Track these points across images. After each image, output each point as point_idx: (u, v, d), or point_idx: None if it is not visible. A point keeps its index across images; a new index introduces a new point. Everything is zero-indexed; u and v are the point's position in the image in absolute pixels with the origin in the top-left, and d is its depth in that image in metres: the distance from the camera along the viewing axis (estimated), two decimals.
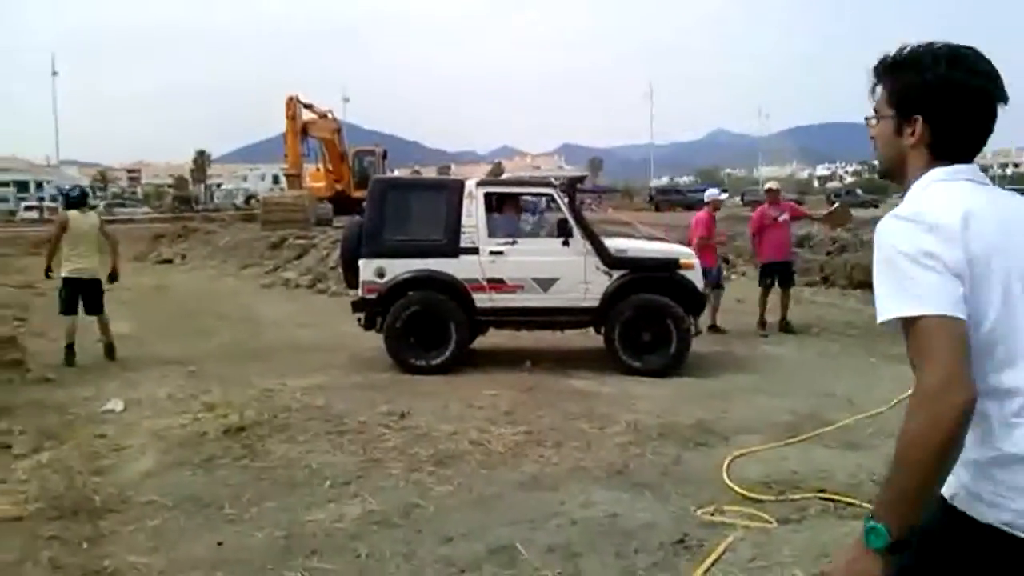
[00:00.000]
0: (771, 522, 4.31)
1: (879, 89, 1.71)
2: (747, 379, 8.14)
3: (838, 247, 23.41)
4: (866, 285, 17.02)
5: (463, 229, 8.58)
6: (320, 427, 6.09)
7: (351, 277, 8.98)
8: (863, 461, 5.34)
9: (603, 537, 4.04)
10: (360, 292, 8.71)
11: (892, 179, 1.75)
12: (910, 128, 1.64)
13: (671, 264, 8.75)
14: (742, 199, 52.33)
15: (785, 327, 10.89)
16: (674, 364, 8.38)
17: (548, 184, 9.41)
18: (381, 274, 8.55)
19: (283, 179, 30.62)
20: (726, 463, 5.21)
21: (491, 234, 8.62)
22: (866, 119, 1.76)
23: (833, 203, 25.15)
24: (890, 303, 1.50)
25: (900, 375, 8.02)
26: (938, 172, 1.62)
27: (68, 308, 8.76)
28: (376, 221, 8.75)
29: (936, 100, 1.60)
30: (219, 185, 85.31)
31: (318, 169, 29.41)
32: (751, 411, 6.70)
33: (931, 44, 1.64)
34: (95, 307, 8.91)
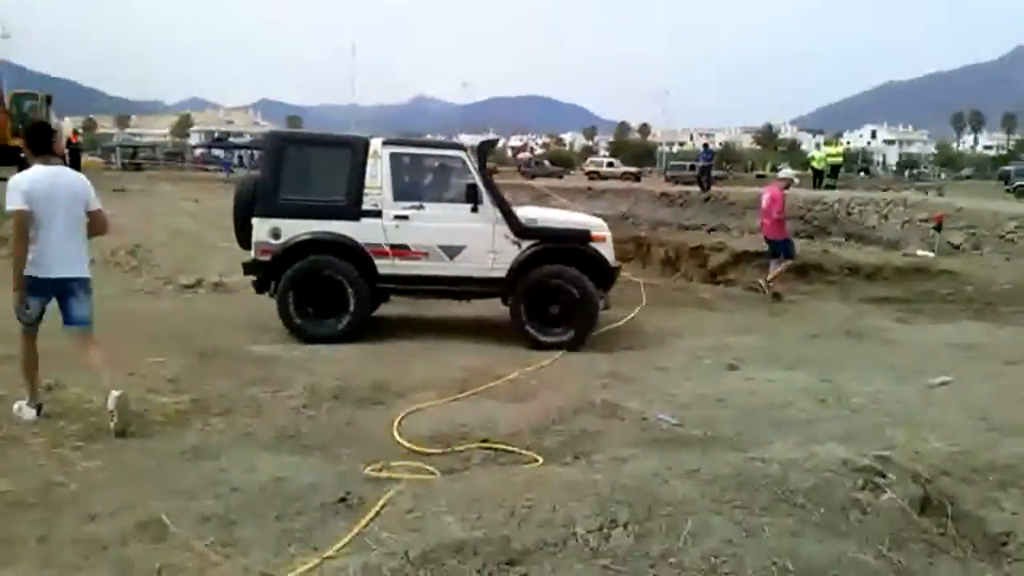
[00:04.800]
0: (435, 474, 4.48)
1: None
2: (426, 340, 8.33)
3: None
4: None
5: (366, 191, 8.05)
6: None
7: (244, 237, 8.20)
8: (525, 411, 5.74)
9: (264, 503, 3.92)
10: (253, 253, 8.03)
11: None
12: None
13: (583, 236, 8.45)
14: None
15: None
16: (580, 337, 8.20)
17: (458, 147, 8.93)
18: (276, 235, 7.94)
19: None
20: (397, 420, 5.33)
21: (396, 197, 8.09)
22: None
23: None
24: None
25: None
26: None
27: None
28: (272, 178, 8.02)
29: None
30: None
31: None
32: (427, 369, 6.90)
33: None
34: None
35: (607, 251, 8.54)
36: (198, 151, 64.40)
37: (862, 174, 60.11)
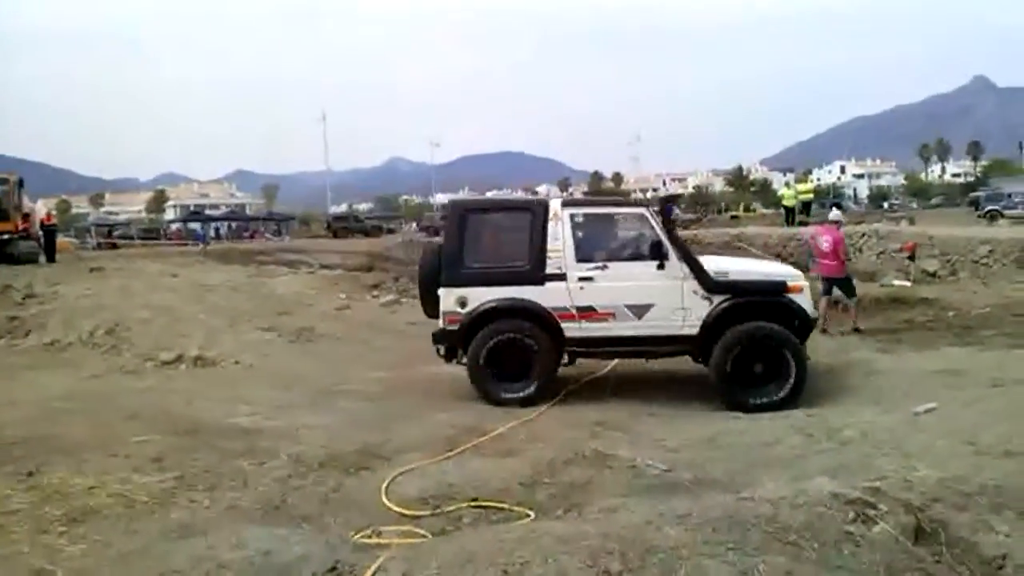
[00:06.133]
0: (425, 537, 4.42)
1: None
2: (409, 401, 8.27)
3: None
4: None
5: (549, 254, 7.99)
6: None
7: (430, 307, 8.25)
8: (514, 466, 5.69)
9: None
10: (441, 323, 8.05)
11: None
12: None
13: (778, 287, 8.10)
14: (417, 225, 54.23)
15: None
16: (792, 397, 7.71)
17: (640, 204, 8.85)
18: (463, 303, 7.96)
19: None
20: (385, 484, 5.27)
21: (579, 259, 8.02)
22: None
23: None
24: None
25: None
26: None
27: None
28: (456, 247, 8.06)
29: None
30: None
31: None
32: (413, 430, 6.85)
33: None
34: None
35: (805, 302, 8.18)
36: (174, 226, 64.45)
37: (834, 209, 60.74)
